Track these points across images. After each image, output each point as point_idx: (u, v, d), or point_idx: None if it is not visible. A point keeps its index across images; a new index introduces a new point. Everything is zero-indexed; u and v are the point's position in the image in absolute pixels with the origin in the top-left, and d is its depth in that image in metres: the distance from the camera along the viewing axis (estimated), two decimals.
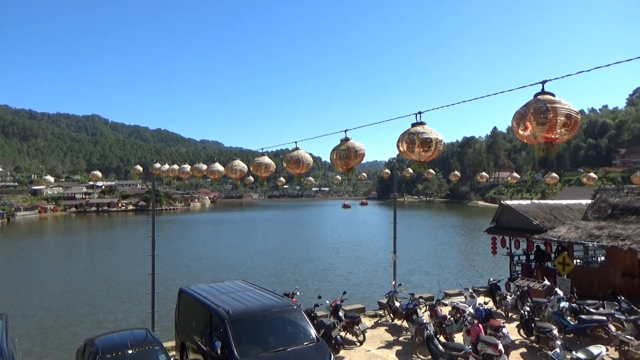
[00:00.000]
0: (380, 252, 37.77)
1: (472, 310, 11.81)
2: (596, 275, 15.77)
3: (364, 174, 25.85)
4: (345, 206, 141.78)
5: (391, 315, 14.30)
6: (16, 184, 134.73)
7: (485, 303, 12.98)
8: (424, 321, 11.48)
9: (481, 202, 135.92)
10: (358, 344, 11.93)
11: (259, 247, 42.04)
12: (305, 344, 8.56)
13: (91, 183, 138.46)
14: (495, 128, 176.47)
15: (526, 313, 12.04)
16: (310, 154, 7.71)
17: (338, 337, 11.18)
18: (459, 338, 11.65)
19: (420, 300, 13.49)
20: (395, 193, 18.74)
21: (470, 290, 14.80)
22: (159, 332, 14.36)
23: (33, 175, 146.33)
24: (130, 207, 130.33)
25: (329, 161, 6.80)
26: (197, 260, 35.03)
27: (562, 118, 3.89)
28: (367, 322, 14.03)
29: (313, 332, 8.93)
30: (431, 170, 19.68)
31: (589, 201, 19.05)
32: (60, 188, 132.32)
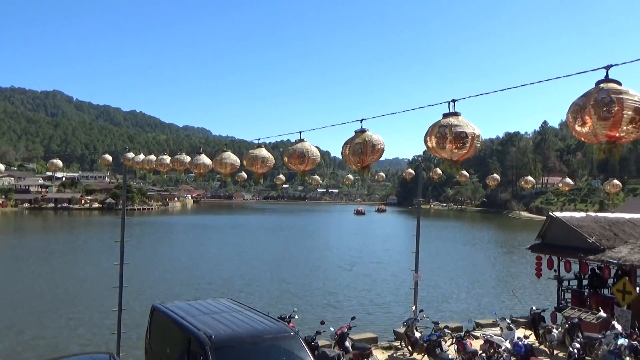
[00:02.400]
0: (398, 270, 37.83)
1: (509, 345, 11.77)
2: None
3: (382, 173, 25.84)
4: (359, 212, 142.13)
5: (409, 347, 14.29)
6: None
7: (526, 337, 12.96)
8: (450, 356, 11.46)
9: (524, 213, 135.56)
10: None
11: (250, 260, 42.21)
12: None
13: (49, 174, 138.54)
14: (545, 123, 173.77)
15: (576, 351, 11.98)
16: (318, 148, 7.71)
17: None
18: None
19: (446, 330, 13.48)
20: (419, 199, 18.73)
21: (508, 321, 14.76)
22: (126, 358, 14.45)
23: None
24: (96, 205, 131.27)
25: (340, 157, 6.82)
26: (174, 272, 35.22)
27: (630, 112, 3.85)
28: (379, 355, 14.05)
29: None
30: (465, 172, 19.67)
31: None
32: (12, 178, 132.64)
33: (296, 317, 14.13)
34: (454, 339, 13.25)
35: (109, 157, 15.66)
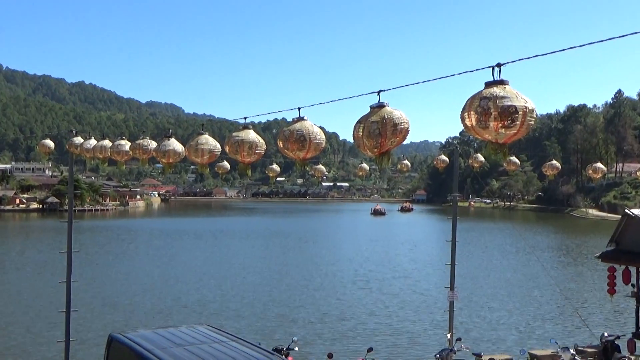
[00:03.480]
0: (429, 287, 38.03)
1: None
2: None
3: (407, 161, 25.45)
4: (377, 212, 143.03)
5: None
6: None
7: None
8: None
9: (593, 211, 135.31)
10: None
11: (237, 276, 42.42)
12: None
13: None
14: (619, 92, 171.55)
15: None
16: (322, 129, 7.74)
17: None
18: None
19: None
20: (455, 194, 18.78)
21: (572, 352, 14.80)
22: None
23: None
24: (34, 206, 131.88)
25: (351, 140, 6.82)
26: (138, 292, 35.44)
27: None
28: None
29: None
30: (514, 159, 19.63)
31: None
32: None
33: (296, 348, 14.22)
34: None
35: (50, 143, 15.66)
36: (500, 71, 5.23)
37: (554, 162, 20.08)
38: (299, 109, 7.67)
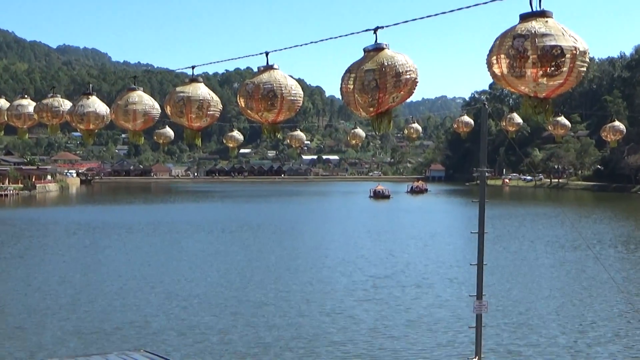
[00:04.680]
0: (450, 296, 38.32)
1: None
2: None
3: (417, 125, 25.45)
4: (378, 195, 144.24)
5: None
6: None
7: None
8: None
9: None
10: None
11: (185, 284, 42.42)
12: None
13: None
14: None
15: None
16: (301, 82, 7.76)
17: None
18: None
19: None
20: (484, 169, 18.79)
21: None
22: None
23: None
24: None
25: (340, 97, 6.81)
26: (53, 308, 35.34)
27: None
28: None
29: None
30: (563, 120, 19.72)
31: None
32: None
33: None
34: None
35: None
36: (540, 0, 5.23)
37: (618, 124, 20.16)
38: (267, 54, 7.65)
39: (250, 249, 59.62)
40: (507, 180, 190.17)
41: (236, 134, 20.74)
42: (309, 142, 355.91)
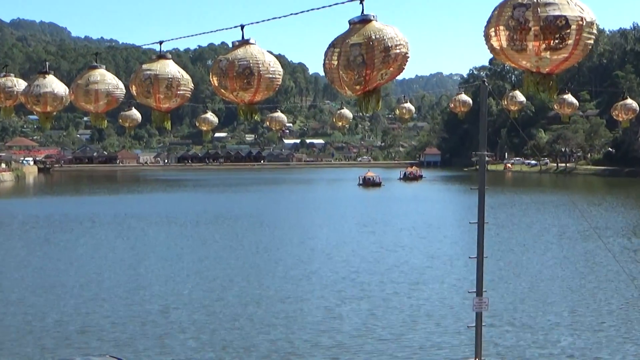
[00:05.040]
0: (446, 291, 38.49)
1: None
2: None
3: (409, 104, 25.45)
4: (368, 183, 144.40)
5: None
6: None
7: None
8: None
9: None
10: None
11: (155, 282, 42.35)
12: None
13: None
14: None
15: None
16: (280, 58, 7.73)
17: None
18: None
19: None
20: (484, 153, 18.71)
21: None
22: None
23: None
24: None
25: (324, 74, 6.78)
26: (5, 311, 35.21)
27: None
28: None
29: None
30: (570, 98, 19.75)
31: None
32: None
33: None
34: None
35: None
36: None
37: (630, 101, 20.16)
38: (242, 27, 7.61)
39: (227, 244, 59.51)
40: (510, 165, 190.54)
41: (210, 116, 20.73)
42: (290, 124, 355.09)
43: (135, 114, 17.48)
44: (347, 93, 6.35)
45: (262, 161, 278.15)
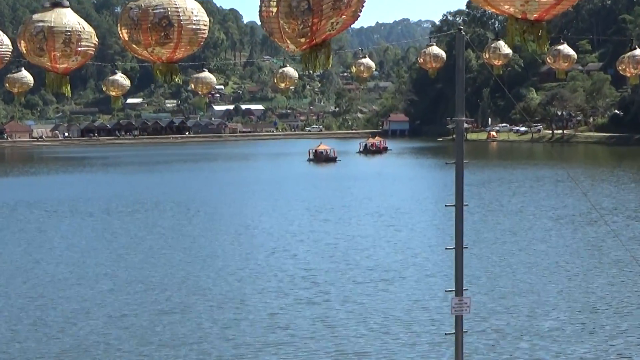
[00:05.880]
0: (420, 290, 38.54)
1: None
2: None
3: (368, 60, 25.45)
4: (320, 158, 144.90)
5: None
6: None
7: None
8: None
9: None
10: None
11: (55, 287, 42.13)
12: None
13: None
14: None
15: None
16: (207, 3, 7.67)
17: None
18: None
19: None
20: (461, 119, 18.62)
21: None
22: None
23: None
24: None
25: (260, 24, 6.75)
26: None
27: None
28: None
29: None
30: (565, 49, 19.87)
31: None
32: None
33: None
34: None
35: None
36: None
37: (639, 52, 20.33)
38: None
39: (147, 237, 59.29)
40: (494, 134, 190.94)
41: (120, 77, 20.50)
42: (221, 86, 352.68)
43: (26, 76, 17.27)
44: (289, 48, 6.32)
45: (187, 133, 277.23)
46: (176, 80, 8.05)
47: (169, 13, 7.30)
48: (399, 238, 54.79)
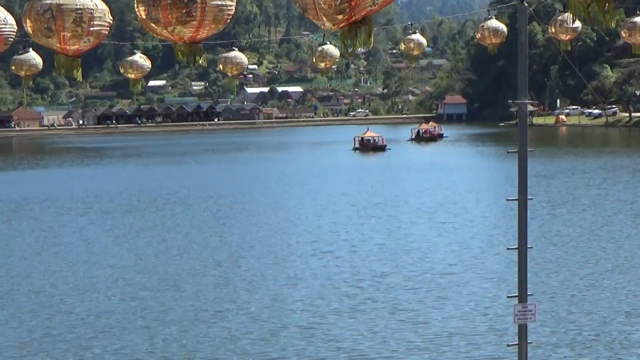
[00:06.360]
0: (479, 294, 38.55)
1: None
2: None
3: (418, 35, 25.27)
4: (367, 146, 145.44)
5: None
6: None
7: None
8: None
9: None
10: None
11: (75, 290, 42.31)
12: None
13: None
14: None
15: None
16: None
17: None
18: None
19: None
20: (524, 101, 18.63)
21: None
22: None
23: None
24: None
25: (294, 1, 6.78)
26: None
27: None
28: None
29: None
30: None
31: None
32: None
33: None
34: None
35: None
36: None
37: None
38: None
39: (173, 238, 59.33)
40: (564, 117, 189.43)
41: (139, 58, 20.28)
42: (254, 66, 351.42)
43: (34, 57, 17.17)
44: (325, 26, 6.33)
45: (216, 119, 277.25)
46: (201, 62, 8.06)
47: None
48: (456, 237, 54.50)
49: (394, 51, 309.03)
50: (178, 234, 60.55)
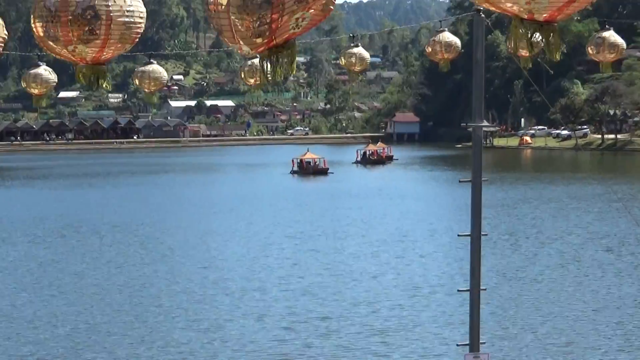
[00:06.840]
0: (427, 345, 38.50)
1: None
2: None
3: (359, 49, 25.11)
4: (308, 169, 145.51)
5: None
6: None
7: None
8: None
9: None
10: None
11: None
12: None
13: None
14: None
15: None
16: None
17: None
18: None
19: None
20: (479, 124, 18.65)
21: None
22: None
23: None
24: None
25: (207, 18, 6.84)
26: None
27: None
28: None
29: None
30: (611, 36, 19.96)
31: None
32: None
33: None
34: None
35: None
36: None
37: None
38: None
39: (86, 268, 59.28)
40: (529, 139, 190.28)
41: (44, 71, 19.74)
42: (180, 77, 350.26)
43: None
44: (242, 50, 6.38)
45: (135, 136, 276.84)
46: (104, 85, 8.09)
47: (95, 2, 7.36)
48: (404, 275, 54.57)
49: (338, 62, 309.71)
50: (88, 265, 60.31)
